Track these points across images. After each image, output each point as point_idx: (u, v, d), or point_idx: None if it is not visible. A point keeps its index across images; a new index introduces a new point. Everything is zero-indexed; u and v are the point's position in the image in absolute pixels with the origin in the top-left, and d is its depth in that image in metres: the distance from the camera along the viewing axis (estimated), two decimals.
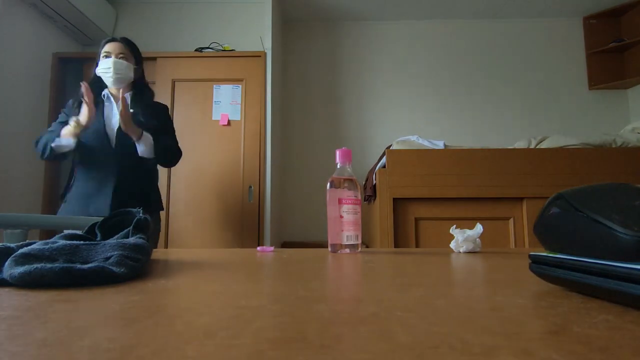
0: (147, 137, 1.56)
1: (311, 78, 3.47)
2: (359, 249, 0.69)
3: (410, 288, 0.31)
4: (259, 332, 0.18)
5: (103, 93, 1.62)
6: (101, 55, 1.59)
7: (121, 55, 1.60)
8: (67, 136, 1.49)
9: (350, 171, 0.72)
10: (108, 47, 1.60)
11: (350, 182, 0.70)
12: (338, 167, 0.72)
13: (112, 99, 1.61)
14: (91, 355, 0.15)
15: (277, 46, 3.12)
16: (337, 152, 0.73)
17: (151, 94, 1.73)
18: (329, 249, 0.69)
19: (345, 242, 0.67)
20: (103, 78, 1.59)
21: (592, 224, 0.24)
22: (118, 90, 1.59)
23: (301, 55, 3.49)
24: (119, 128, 1.54)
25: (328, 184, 0.70)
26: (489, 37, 3.43)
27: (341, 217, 0.67)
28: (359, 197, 0.70)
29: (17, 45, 2.49)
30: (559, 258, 0.27)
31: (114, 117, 1.59)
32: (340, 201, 0.68)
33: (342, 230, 0.67)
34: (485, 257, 0.58)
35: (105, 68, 1.57)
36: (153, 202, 1.69)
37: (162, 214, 2.72)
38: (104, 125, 1.57)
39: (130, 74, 1.61)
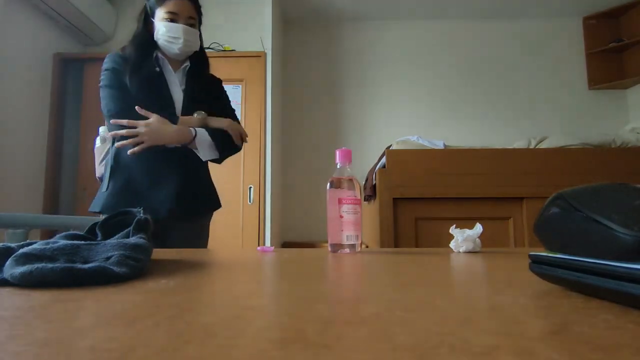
0: (202, 134, 1.18)
1: (311, 78, 3.47)
2: (359, 248, 0.69)
3: (410, 288, 0.31)
4: (260, 332, 0.18)
5: (157, 55, 1.21)
6: (161, 12, 1.17)
7: (192, 21, 1.21)
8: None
9: (350, 171, 0.72)
10: (174, 7, 1.16)
11: (350, 182, 0.70)
12: (338, 167, 0.72)
13: (169, 65, 1.23)
14: (92, 355, 0.15)
15: (277, 46, 3.12)
16: (337, 153, 0.73)
17: (208, 65, 1.33)
18: (329, 249, 0.69)
19: (345, 242, 0.67)
20: (163, 43, 1.19)
21: (592, 223, 0.24)
22: (178, 62, 1.25)
23: (301, 55, 3.49)
24: (186, 98, 1.21)
25: (328, 184, 0.70)
26: (489, 37, 3.43)
27: (341, 217, 0.67)
28: (359, 197, 0.70)
29: (18, 45, 2.49)
30: (559, 258, 0.27)
31: (177, 85, 1.23)
32: (340, 201, 0.68)
33: (342, 230, 0.67)
34: (485, 257, 0.58)
35: (173, 37, 1.17)
36: (216, 199, 1.36)
37: None
38: (170, 91, 1.20)
39: (197, 44, 1.26)
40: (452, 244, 0.68)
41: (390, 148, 1.80)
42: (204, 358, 0.15)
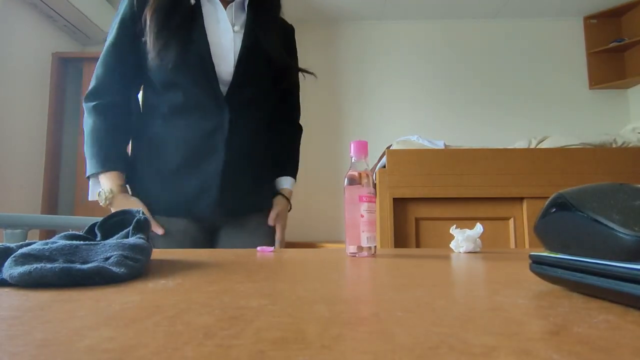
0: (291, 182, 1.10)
1: (310, 78, 3.46)
2: (375, 251, 0.63)
3: (410, 288, 0.31)
4: (259, 332, 0.18)
5: None
6: None
7: None
8: (101, 195, 0.85)
9: (367, 165, 0.66)
10: None
11: (369, 178, 0.63)
12: (353, 161, 0.65)
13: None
14: (91, 355, 0.15)
15: None
16: (352, 145, 0.65)
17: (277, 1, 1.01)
18: (348, 253, 0.62)
19: (365, 244, 0.61)
20: None
21: (593, 224, 0.24)
22: None
23: (300, 55, 3.48)
24: (245, 46, 0.87)
25: (345, 181, 0.64)
26: (489, 37, 3.43)
27: (362, 216, 0.61)
28: (375, 195, 0.64)
29: (16, 44, 2.49)
30: (560, 258, 0.27)
31: (224, 32, 0.87)
32: (361, 199, 0.61)
33: (363, 232, 0.61)
34: (486, 257, 0.57)
35: None
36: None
37: None
38: (209, 51, 0.85)
39: None
40: (452, 244, 0.68)
41: (390, 148, 1.80)
42: (203, 358, 0.15)
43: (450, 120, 3.35)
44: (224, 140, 0.87)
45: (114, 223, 0.48)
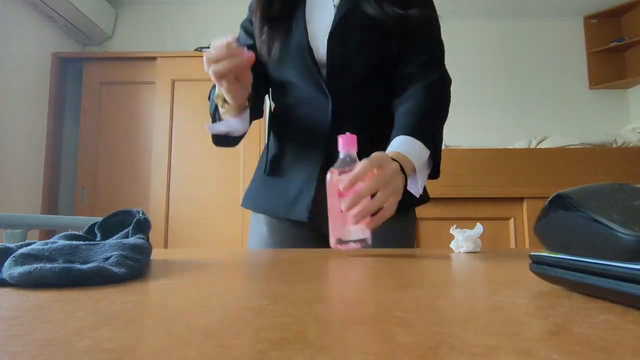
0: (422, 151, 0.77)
1: None
2: (370, 242, 0.60)
3: (410, 288, 0.31)
4: (259, 333, 0.18)
5: None
6: None
7: None
8: (223, 116, 0.82)
9: (355, 158, 0.62)
10: None
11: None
12: (341, 157, 0.62)
13: None
14: (91, 355, 0.15)
15: None
16: (340, 139, 0.62)
17: None
18: (331, 244, 0.61)
19: (349, 237, 0.59)
20: None
21: (593, 224, 0.24)
22: None
23: None
24: (331, 36, 0.75)
25: (328, 175, 0.62)
26: (489, 36, 3.43)
27: (342, 211, 0.59)
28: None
29: (16, 44, 2.49)
30: (560, 258, 0.27)
31: (323, 9, 0.79)
32: (340, 194, 0.59)
33: (346, 225, 0.59)
34: (486, 257, 0.57)
35: None
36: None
37: (165, 214, 2.73)
38: (306, 37, 0.76)
39: None
40: (452, 244, 0.68)
41: None
42: (203, 358, 0.15)
43: (450, 120, 3.35)
44: (325, 135, 0.76)
45: (114, 223, 0.48)
